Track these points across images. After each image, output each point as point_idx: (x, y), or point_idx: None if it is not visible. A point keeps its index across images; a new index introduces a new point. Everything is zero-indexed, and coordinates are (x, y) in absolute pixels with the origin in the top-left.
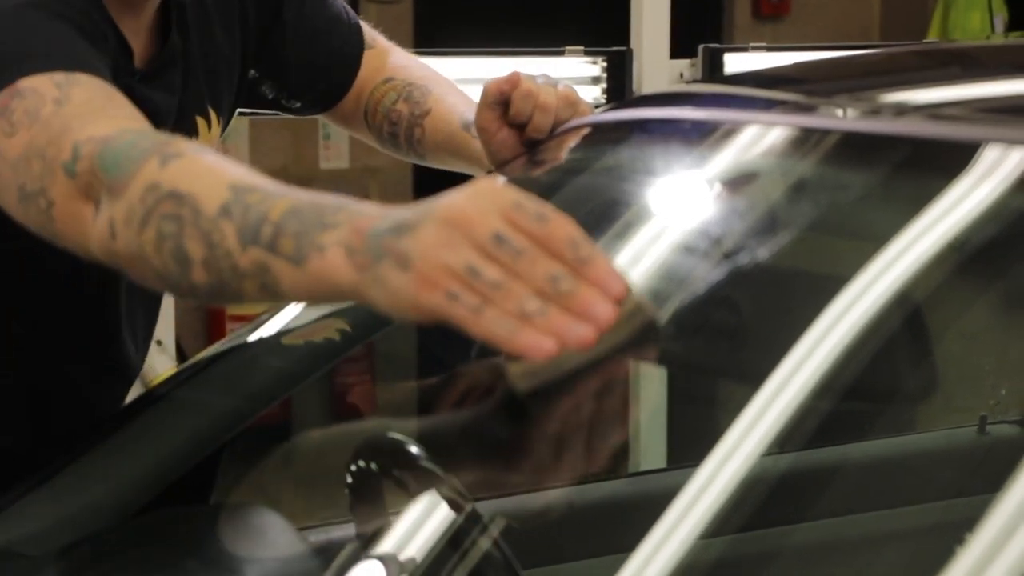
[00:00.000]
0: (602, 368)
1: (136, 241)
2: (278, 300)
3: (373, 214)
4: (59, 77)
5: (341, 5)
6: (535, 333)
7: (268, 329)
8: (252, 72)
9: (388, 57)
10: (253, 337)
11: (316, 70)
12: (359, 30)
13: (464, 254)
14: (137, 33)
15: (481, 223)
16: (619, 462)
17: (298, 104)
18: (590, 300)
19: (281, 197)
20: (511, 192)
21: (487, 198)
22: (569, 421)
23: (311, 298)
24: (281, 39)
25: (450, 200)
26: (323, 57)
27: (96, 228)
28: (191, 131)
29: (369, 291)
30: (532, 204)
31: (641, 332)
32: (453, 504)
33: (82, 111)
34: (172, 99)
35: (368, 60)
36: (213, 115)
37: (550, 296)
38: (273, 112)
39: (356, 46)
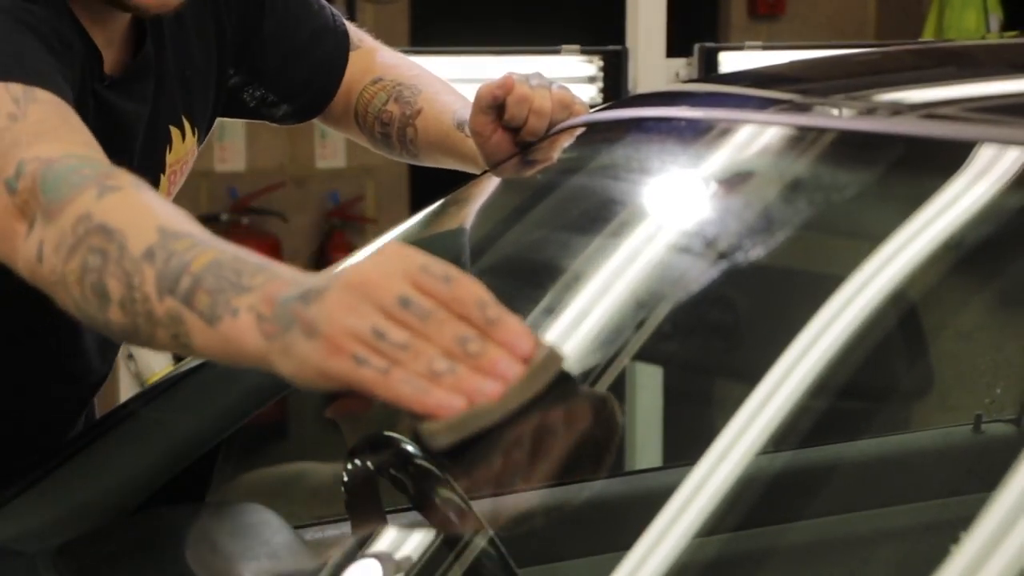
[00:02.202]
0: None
1: (61, 269)
2: (190, 355)
3: (287, 279)
4: (17, 90)
5: (328, 12)
6: (443, 392)
7: None
8: (233, 79)
9: (376, 56)
10: None
11: (297, 82)
12: (345, 36)
13: (369, 318)
14: (110, 42)
15: (386, 286)
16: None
17: (280, 113)
18: (498, 359)
19: (206, 249)
20: (418, 255)
21: (393, 261)
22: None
23: (221, 358)
24: (262, 52)
25: (356, 266)
26: (305, 70)
27: (25, 248)
28: (164, 140)
29: (277, 360)
30: (439, 266)
31: (554, 380)
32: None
33: (35, 129)
34: (143, 108)
35: (355, 61)
36: (187, 125)
37: (458, 356)
38: (259, 120)
39: (341, 56)
